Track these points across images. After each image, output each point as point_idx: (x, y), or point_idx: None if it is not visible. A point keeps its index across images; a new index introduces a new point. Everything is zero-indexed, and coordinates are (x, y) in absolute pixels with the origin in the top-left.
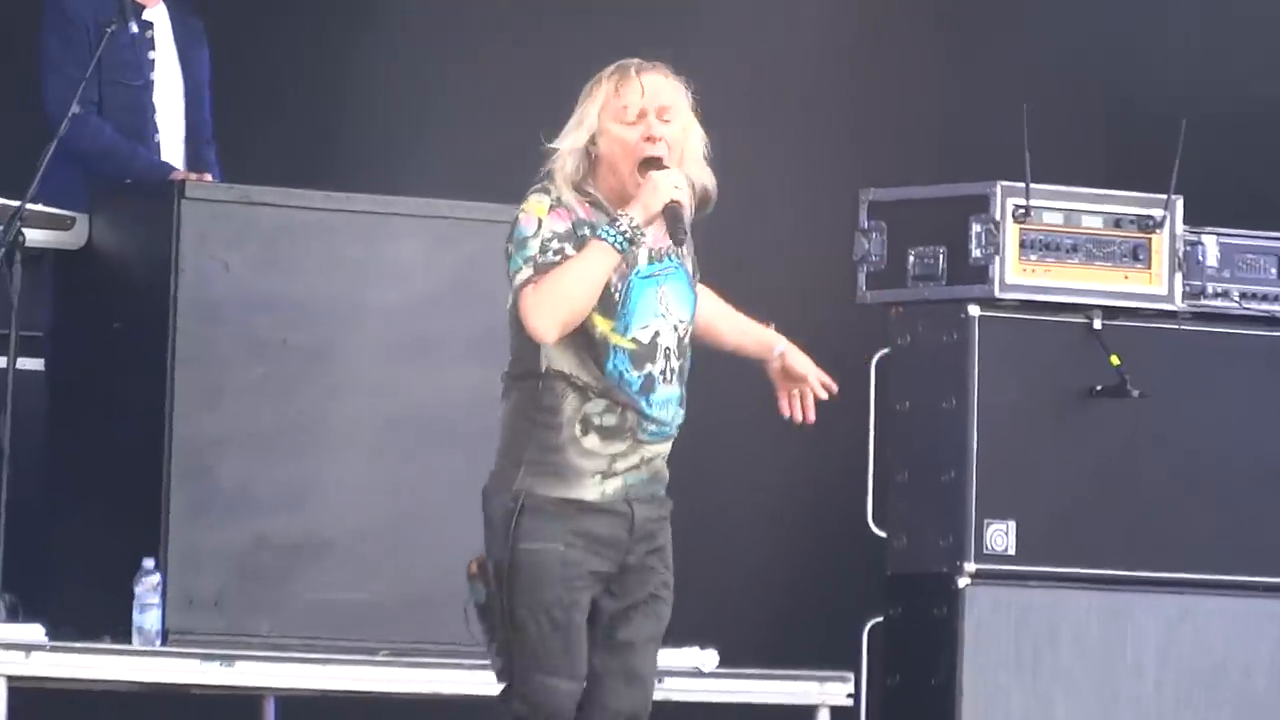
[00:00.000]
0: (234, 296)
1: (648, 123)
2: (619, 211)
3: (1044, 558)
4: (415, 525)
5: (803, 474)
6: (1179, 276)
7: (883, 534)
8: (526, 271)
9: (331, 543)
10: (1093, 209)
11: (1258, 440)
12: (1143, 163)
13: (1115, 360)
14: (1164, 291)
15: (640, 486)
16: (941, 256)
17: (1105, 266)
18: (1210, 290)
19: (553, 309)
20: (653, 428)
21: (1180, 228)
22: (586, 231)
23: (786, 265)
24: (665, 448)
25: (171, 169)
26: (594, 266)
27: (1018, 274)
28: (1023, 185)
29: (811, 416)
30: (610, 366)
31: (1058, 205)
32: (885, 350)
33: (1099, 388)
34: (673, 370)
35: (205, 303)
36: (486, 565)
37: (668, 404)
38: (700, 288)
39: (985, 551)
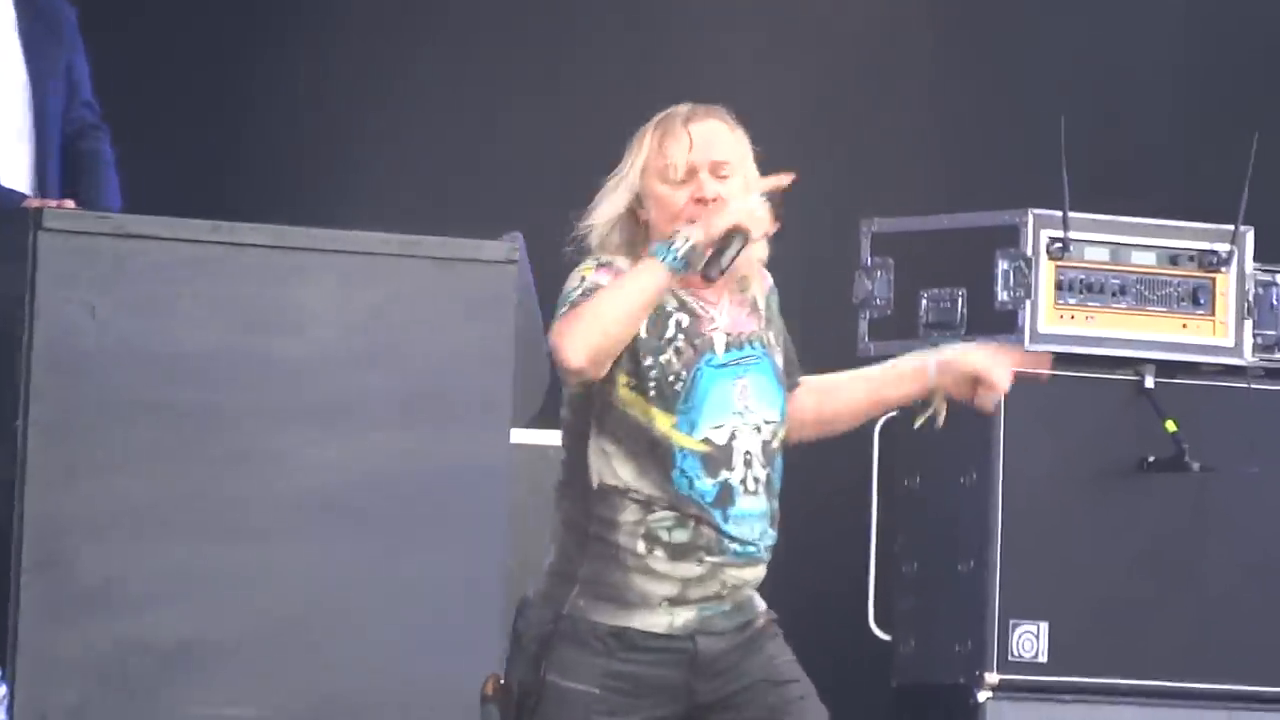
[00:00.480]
0: (102, 348)
1: (698, 181)
2: (675, 228)
3: (1081, 666)
4: (319, 626)
5: (790, 564)
6: (1249, 325)
7: (887, 637)
8: (562, 311)
9: (217, 647)
10: (1144, 242)
11: None
12: (1206, 187)
13: (1171, 426)
14: (1231, 343)
15: (719, 619)
16: (960, 300)
17: (1159, 313)
18: None
19: (585, 332)
20: (735, 547)
21: (1251, 265)
22: None
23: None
24: (754, 574)
25: (23, 196)
26: (637, 285)
27: (1053, 322)
28: (1059, 214)
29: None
30: (677, 474)
31: (1101, 238)
32: (891, 414)
33: (1151, 460)
34: (757, 480)
35: (66, 355)
36: (510, 687)
37: (753, 520)
38: (808, 380)
39: (1011, 659)
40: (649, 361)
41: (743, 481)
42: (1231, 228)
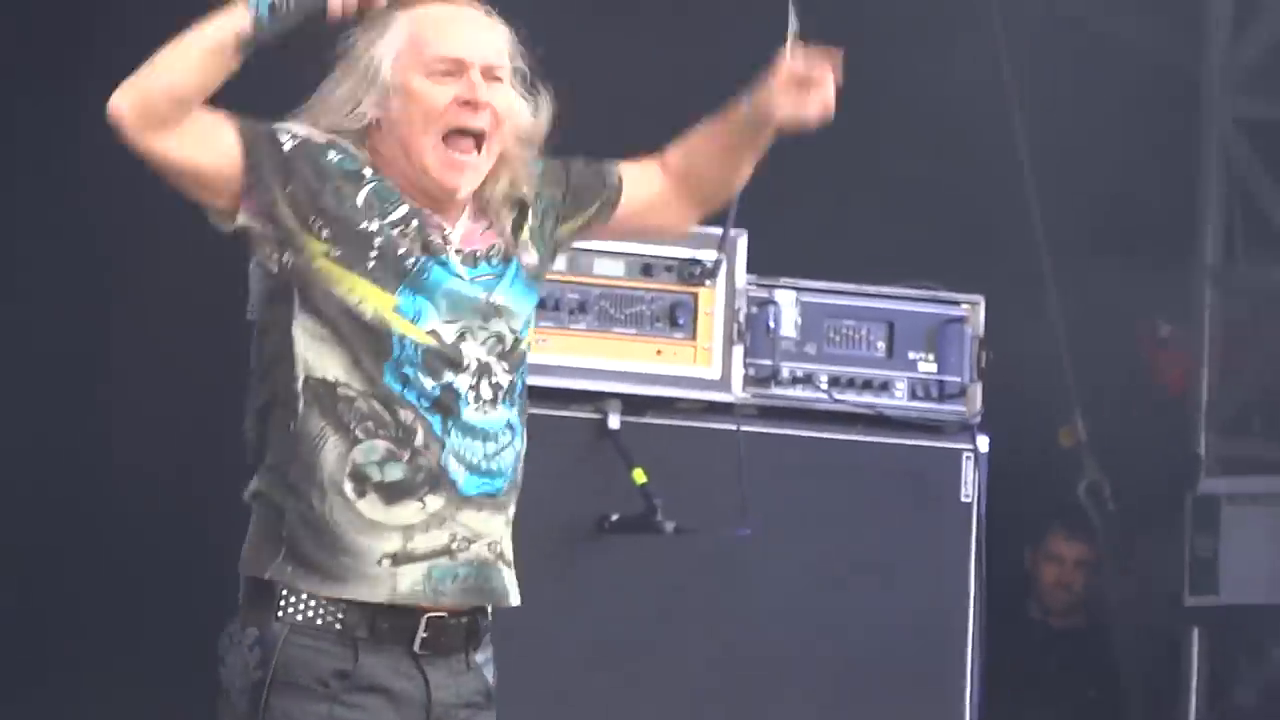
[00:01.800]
0: None
1: (468, 80)
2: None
3: None
4: None
5: None
6: (739, 352)
7: None
8: None
9: None
10: (609, 248)
11: (855, 599)
12: None
13: (640, 477)
14: (716, 374)
15: (455, 584)
16: None
17: (628, 335)
18: (787, 374)
19: (136, 77)
20: (465, 477)
21: (743, 278)
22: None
23: None
24: (494, 522)
25: None
26: (209, 23)
27: None
28: None
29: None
30: (389, 369)
31: None
32: None
33: (615, 519)
34: (493, 389)
35: None
36: None
37: (484, 436)
38: (646, 164)
39: None
40: (371, 227)
41: (473, 389)
42: (719, 231)
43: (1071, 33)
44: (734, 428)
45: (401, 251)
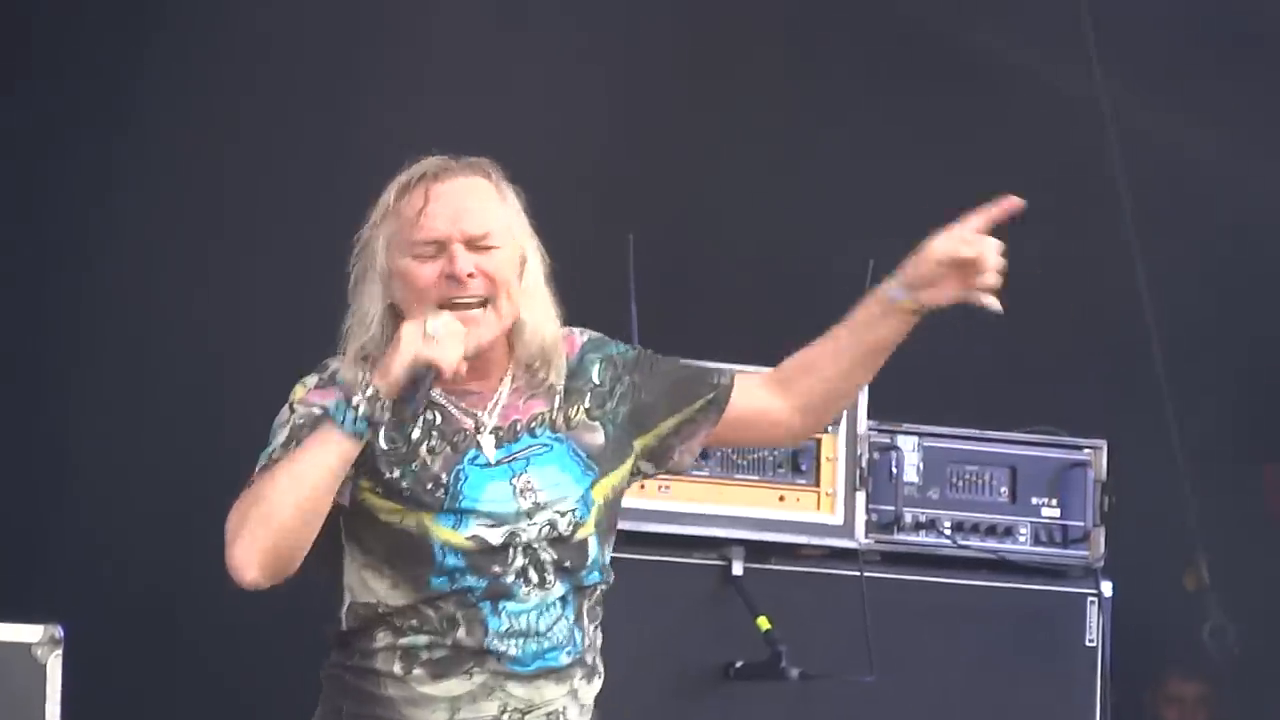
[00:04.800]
0: None
1: (450, 254)
2: (362, 378)
3: None
4: None
5: None
6: (861, 498)
7: None
8: (258, 469)
9: None
10: None
11: None
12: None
13: (764, 624)
14: (839, 520)
15: None
16: None
17: (750, 482)
18: (910, 519)
19: (252, 535)
20: (515, 653)
21: (865, 423)
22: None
23: None
24: (552, 692)
25: None
26: (314, 465)
27: None
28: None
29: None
30: (433, 576)
31: None
32: None
33: (740, 665)
34: (543, 568)
35: None
36: None
37: (536, 612)
38: (763, 375)
39: None
40: (394, 474)
41: (522, 573)
42: None
43: (1192, 174)
44: (857, 574)
45: (430, 484)
